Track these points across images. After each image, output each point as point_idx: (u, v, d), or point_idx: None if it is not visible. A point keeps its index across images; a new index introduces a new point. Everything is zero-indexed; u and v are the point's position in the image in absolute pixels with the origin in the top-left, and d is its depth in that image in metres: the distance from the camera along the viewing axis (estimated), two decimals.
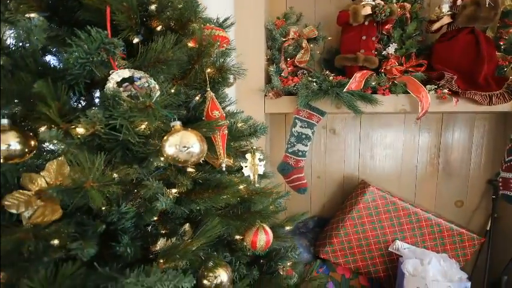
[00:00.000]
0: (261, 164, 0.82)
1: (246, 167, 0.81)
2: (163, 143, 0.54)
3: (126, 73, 0.60)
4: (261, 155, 0.83)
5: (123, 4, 0.58)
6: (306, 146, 1.54)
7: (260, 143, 1.07)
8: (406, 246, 1.64)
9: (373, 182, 1.77)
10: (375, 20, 1.45)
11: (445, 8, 1.42)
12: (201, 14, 0.74)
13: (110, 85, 0.58)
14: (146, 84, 0.62)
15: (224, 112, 0.78)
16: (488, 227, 1.71)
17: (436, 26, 1.46)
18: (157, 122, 0.54)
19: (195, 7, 0.69)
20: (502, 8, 1.39)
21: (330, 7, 1.68)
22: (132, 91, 0.60)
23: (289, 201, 1.39)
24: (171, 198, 0.61)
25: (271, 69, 1.53)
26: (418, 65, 1.51)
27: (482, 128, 1.75)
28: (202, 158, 0.57)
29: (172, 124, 0.57)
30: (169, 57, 0.61)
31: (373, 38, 1.49)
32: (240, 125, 0.90)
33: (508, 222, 1.71)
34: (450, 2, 1.41)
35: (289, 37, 1.57)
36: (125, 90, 0.60)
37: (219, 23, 0.86)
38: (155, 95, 0.58)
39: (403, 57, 1.53)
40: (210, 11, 0.89)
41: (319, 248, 1.74)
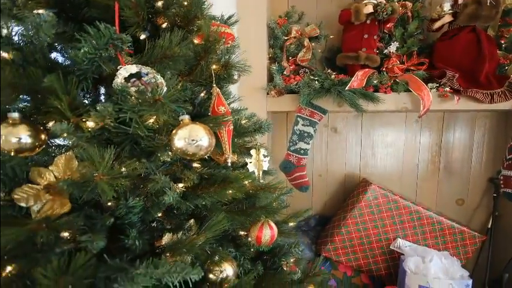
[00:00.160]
0: (265, 160, 0.82)
1: (250, 163, 0.82)
2: (172, 137, 0.55)
3: (134, 69, 0.61)
4: (265, 151, 0.83)
5: (131, 0, 0.59)
6: (308, 144, 1.54)
7: (262, 141, 1.08)
8: (408, 244, 1.64)
9: (375, 180, 1.77)
10: (377, 19, 1.46)
11: (447, 7, 1.42)
12: (207, 11, 0.75)
13: (118, 80, 0.59)
14: (153, 79, 0.62)
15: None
16: (490, 225, 1.71)
17: (437, 24, 1.47)
18: (165, 116, 0.54)
19: (201, 4, 0.70)
20: (503, 7, 1.40)
21: (331, 6, 1.69)
22: (139, 86, 0.61)
23: (291, 199, 1.40)
24: (178, 193, 0.62)
25: (274, 68, 1.54)
26: (420, 63, 1.52)
27: (483, 127, 1.75)
28: (211, 151, 0.58)
29: (180, 118, 0.57)
30: (175, 53, 0.61)
31: (374, 37, 1.50)
32: (244, 121, 0.90)
33: (509, 220, 1.72)
34: (451, 0, 1.42)
35: (291, 36, 1.58)
36: (132, 86, 0.60)
37: (224, 21, 0.87)
38: (162, 91, 0.59)
39: (405, 56, 1.54)
40: (212, 9, 0.90)
41: (321, 246, 1.74)
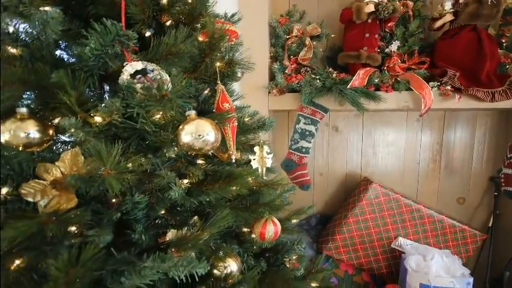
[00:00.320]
0: (268, 157, 0.83)
1: (254, 159, 0.82)
2: (179, 132, 0.55)
3: (139, 65, 0.61)
4: (268, 148, 0.84)
5: None
6: (310, 142, 1.55)
7: (264, 140, 1.09)
8: (409, 242, 1.65)
9: (376, 179, 1.78)
10: (378, 18, 1.46)
11: (448, 6, 1.43)
12: (211, 9, 0.75)
13: (124, 77, 0.59)
14: (158, 76, 0.63)
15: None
16: (490, 224, 1.72)
17: (438, 23, 1.48)
18: (172, 112, 0.55)
19: (205, 1, 0.70)
20: (503, 6, 1.41)
21: (332, 5, 1.70)
22: (144, 83, 0.61)
23: (292, 198, 1.40)
24: (183, 188, 0.62)
25: (275, 67, 1.54)
26: (421, 62, 1.53)
27: (484, 126, 1.76)
28: (216, 146, 0.58)
29: (187, 113, 0.58)
30: (181, 50, 0.62)
31: (376, 36, 1.50)
32: (247, 119, 0.91)
33: (509, 219, 1.72)
34: None
35: (293, 35, 1.58)
36: (138, 82, 0.61)
37: (227, 18, 0.87)
38: (168, 87, 0.59)
39: (406, 55, 1.54)
40: (215, 7, 0.90)
41: (322, 245, 1.75)
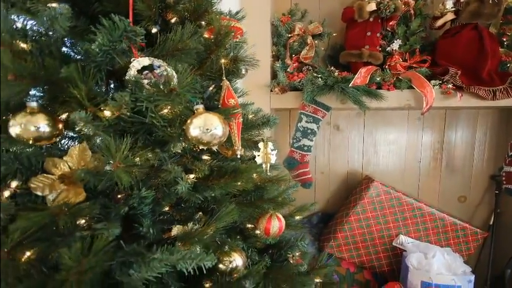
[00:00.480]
0: (273, 153, 0.84)
1: (258, 156, 0.83)
2: (187, 126, 0.56)
3: (146, 61, 0.62)
4: (272, 144, 0.85)
5: None
6: (312, 140, 1.55)
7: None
8: (410, 240, 1.65)
9: (377, 178, 1.78)
10: (380, 16, 1.47)
11: (449, 5, 1.44)
12: (216, 6, 0.76)
13: (131, 72, 0.60)
14: (165, 72, 0.63)
15: None
16: (491, 222, 1.73)
17: (439, 22, 1.48)
18: (180, 107, 0.56)
19: None
20: (504, 5, 1.41)
21: (334, 3, 1.70)
22: (151, 78, 0.62)
23: (294, 196, 1.40)
24: (190, 183, 0.63)
25: (277, 65, 1.54)
26: (422, 61, 1.53)
27: (485, 124, 1.77)
28: (224, 140, 0.59)
29: (195, 107, 0.58)
30: (187, 46, 0.62)
31: (377, 34, 1.51)
32: (250, 116, 0.92)
33: (510, 217, 1.73)
34: None
35: (295, 33, 1.59)
36: (145, 78, 0.61)
37: (231, 16, 0.88)
38: (174, 83, 0.60)
39: (407, 54, 1.55)
40: (219, 5, 0.91)
41: (324, 243, 1.76)
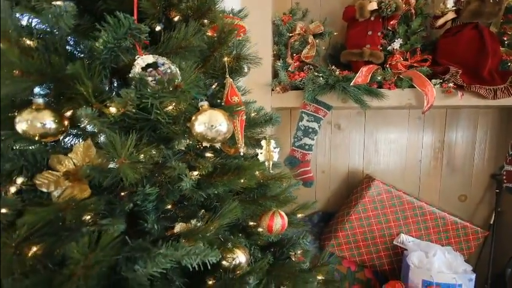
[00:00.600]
0: (275, 151, 0.84)
1: (261, 153, 0.83)
2: (192, 122, 0.56)
3: (150, 59, 0.62)
4: (275, 142, 0.85)
5: None
6: (313, 139, 1.56)
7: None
8: (411, 239, 1.66)
9: (378, 177, 1.78)
10: (381, 16, 1.47)
11: (450, 4, 1.44)
12: (219, 5, 0.76)
13: (136, 70, 0.60)
14: (169, 70, 0.64)
15: None
16: (492, 221, 1.73)
17: (440, 21, 1.49)
18: (185, 103, 0.56)
19: None
20: (505, 4, 1.42)
21: (335, 3, 1.71)
22: (155, 76, 0.62)
23: (295, 194, 1.41)
24: (193, 180, 0.63)
25: (278, 64, 1.55)
26: (423, 60, 1.54)
27: (486, 124, 1.77)
28: (228, 137, 0.59)
29: (200, 104, 0.59)
30: (191, 44, 0.63)
31: (378, 33, 1.52)
32: (253, 114, 0.92)
33: (511, 216, 1.73)
34: None
35: (296, 32, 1.59)
36: (149, 75, 0.62)
37: (234, 14, 0.88)
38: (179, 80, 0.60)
39: (408, 53, 1.55)
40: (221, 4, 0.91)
41: (325, 242, 1.76)
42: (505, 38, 1.49)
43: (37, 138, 0.51)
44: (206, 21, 0.75)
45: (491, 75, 1.39)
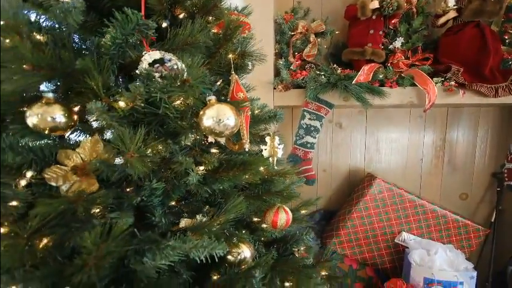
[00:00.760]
0: (280, 147, 0.85)
1: (265, 149, 0.84)
2: (200, 116, 0.57)
3: (157, 55, 0.63)
4: (279, 139, 0.86)
5: None
6: (315, 138, 1.57)
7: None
8: (412, 237, 1.66)
9: (379, 175, 1.79)
10: (382, 14, 1.48)
11: (451, 3, 1.45)
12: (224, 2, 0.77)
13: (143, 65, 0.61)
14: (175, 66, 0.64)
15: None
16: (493, 219, 1.74)
17: (442, 20, 1.50)
18: (193, 98, 0.57)
19: None
20: (506, 2, 1.42)
21: (336, 2, 1.71)
22: (162, 72, 0.63)
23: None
24: (200, 175, 0.64)
25: (280, 63, 1.56)
26: (424, 58, 1.55)
27: (487, 122, 1.78)
28: (235, 131, 0.60)
29: (208, 98, 0.60)
30: (197, 40, 0.63)
31: (380, 32, 1.52)
32: (256, 111, 0.93)
33: None
34: None
35: (298, 31, 1.60)
36: (156, 71, 0.63)
37: (238, 11, 0.89)
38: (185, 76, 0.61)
39: (410, 51, 1.56)
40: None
41: (326, 240, 1.77)
42: (506, 37, 1.50)
43: (47, 132, 0.51)
44: (211, 18, 0.76)
45: (492, 74, 1.40)
